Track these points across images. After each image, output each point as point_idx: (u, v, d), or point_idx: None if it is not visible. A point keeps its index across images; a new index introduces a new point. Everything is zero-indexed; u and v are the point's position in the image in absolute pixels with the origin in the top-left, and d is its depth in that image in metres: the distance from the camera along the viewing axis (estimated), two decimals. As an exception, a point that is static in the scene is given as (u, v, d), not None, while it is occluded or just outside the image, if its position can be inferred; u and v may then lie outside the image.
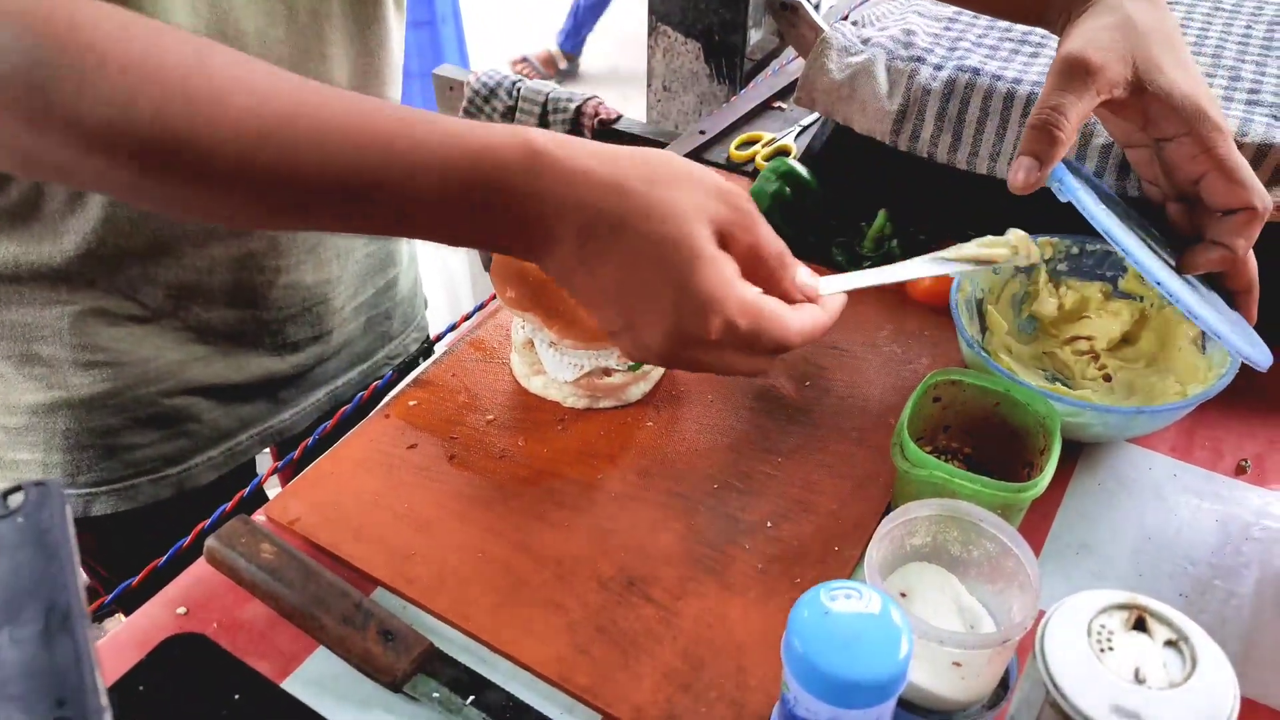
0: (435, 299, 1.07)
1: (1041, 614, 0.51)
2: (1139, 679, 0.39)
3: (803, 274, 0.53)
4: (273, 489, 0.79)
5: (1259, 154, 0.67)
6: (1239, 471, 0.65)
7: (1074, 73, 0.56)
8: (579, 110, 1.23)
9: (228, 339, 0.79)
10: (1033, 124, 0.57)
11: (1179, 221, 0.62)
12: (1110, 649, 0.40)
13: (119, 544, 0.84)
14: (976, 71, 0.76)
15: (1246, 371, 0.62)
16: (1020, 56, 0.80)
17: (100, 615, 0.74)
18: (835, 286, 0.56)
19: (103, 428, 0.76)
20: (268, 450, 0.90)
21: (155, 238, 0.70)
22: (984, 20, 0.86)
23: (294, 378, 0.86)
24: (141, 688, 0.50)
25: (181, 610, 0.57)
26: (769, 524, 0.60)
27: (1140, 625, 0.41)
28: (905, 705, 0.51)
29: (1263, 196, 0.56)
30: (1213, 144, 0.56)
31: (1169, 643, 0.40)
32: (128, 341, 0.75)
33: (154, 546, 0.64)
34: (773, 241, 0.51)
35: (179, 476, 0.81)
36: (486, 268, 0.71)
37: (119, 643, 0.55)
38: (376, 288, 0.92)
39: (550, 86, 1.28)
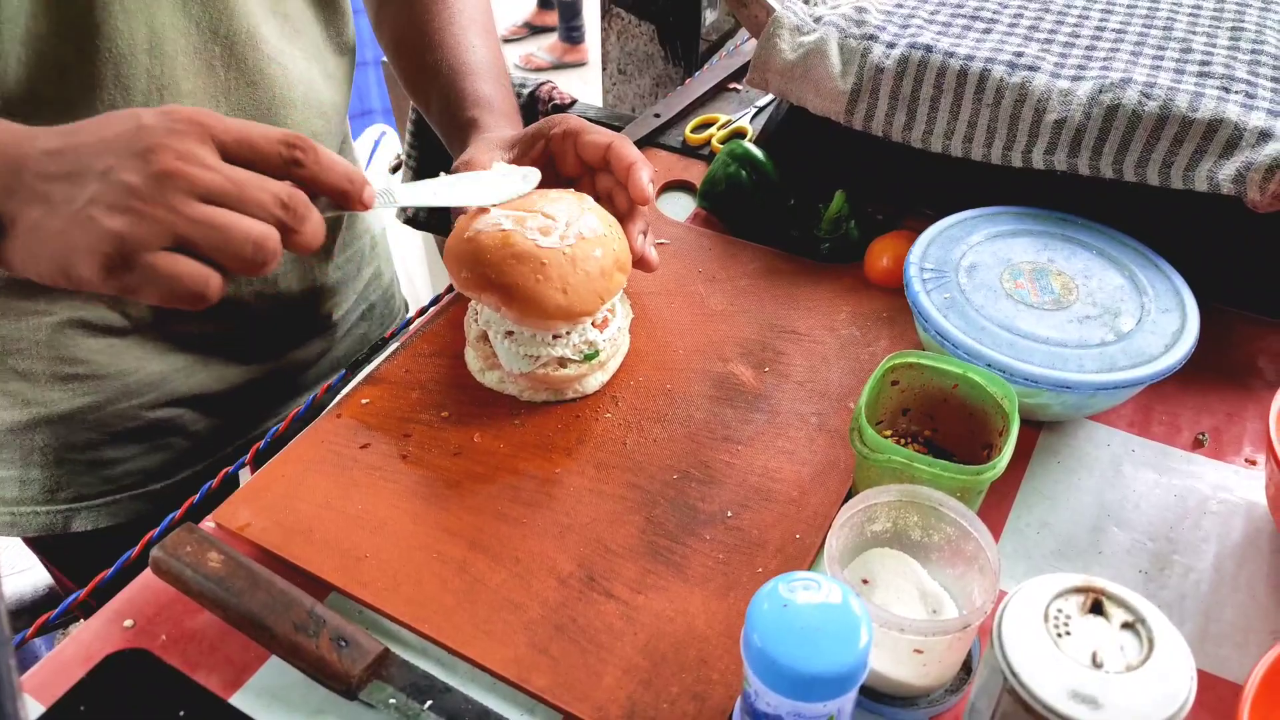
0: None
1: (1003, 595, 0.51)
2: (1096, 663, 0.38)
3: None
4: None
5: (1209, 130, 0.67)
6: (1196, 445, 0.65)
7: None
8: (533, 95, 1.21)
9: (210, 349, 0.78)
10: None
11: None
12: (1067, 633, 0.40)
13: (98, 559, 0.83)
14: (929, 49, 0.75)
15: (1204, 345, 0.62)
16: (972, 33, 0.79)
17: (57, 625, 0.72)
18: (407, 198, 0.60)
19: (83, 442, 0.74)
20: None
21: None
22: (936, -4, 0.85)
23: (277, 386, 0.84)
24: (82, 708, 0.49)
25: (129, 623, 0.55)
26: (729, 514, 0.60)
27: (1097, 608, 0.40)
28: (868, 693, 0.51)
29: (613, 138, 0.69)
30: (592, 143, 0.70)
31: (1126, 625, 0.40)
32: (108, 354, 0.73)
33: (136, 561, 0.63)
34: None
35: (162, 490, 0.79)
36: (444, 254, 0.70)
37: (63, 659, 0.53)
38: (357, 292, 0.90)
39: (503, 72, 1.26)
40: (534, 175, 0.68)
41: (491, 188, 0.66)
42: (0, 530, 0.77)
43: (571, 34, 3.80)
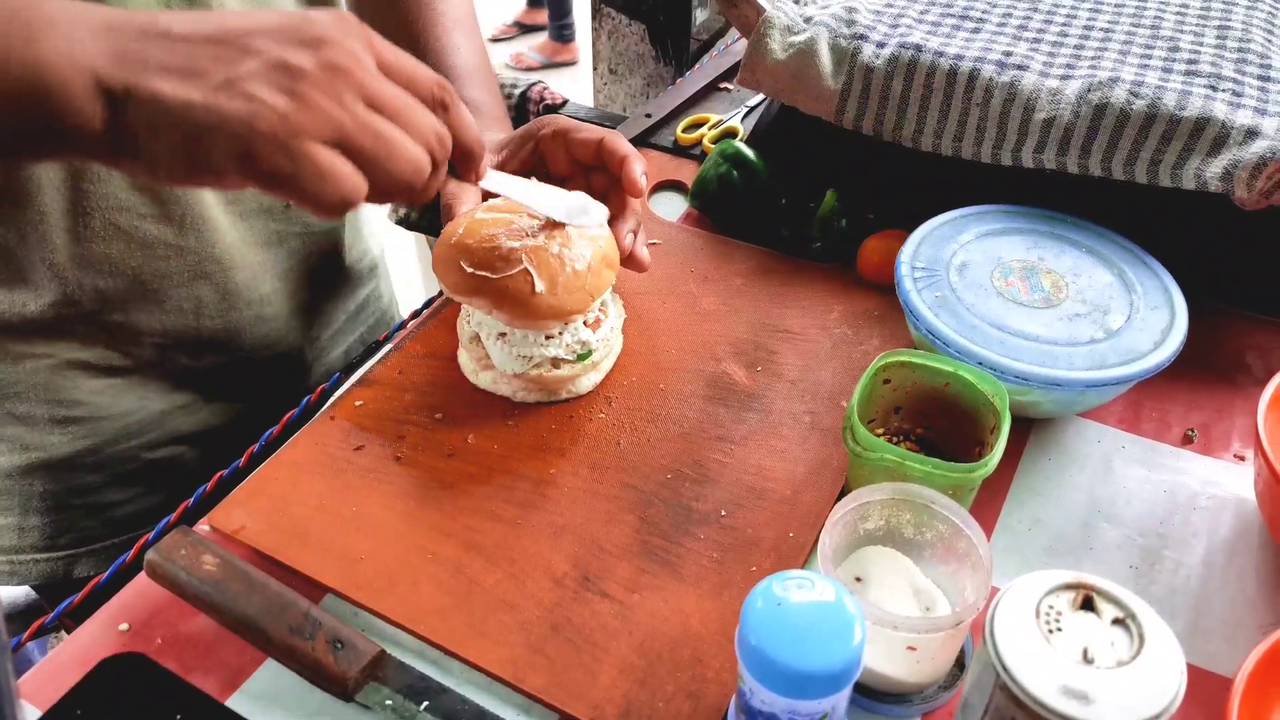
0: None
1: (995, 592, 0.51)
2: (1087, 659, 0.39)
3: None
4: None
5: (1197, 128, 0.67)
6: (1186, 441, 0.66)
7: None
8: (524, 96, 1.21)
9: (212, 384, 0.77)
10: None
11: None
12: (1059, 630, 0.40)
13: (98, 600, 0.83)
14: (919, 49, 0.76)
15: (1193, 342, 0.63)
16: (961, 33, 0.79)
17: (51, 629, 0.72)
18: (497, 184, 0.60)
19: (82, 486, 0.74)
20: None
21: (136, 277, 0.68)
22: (925, -4, 0.85)
23: (277, 419, 0.84)
24: (79, 712, 0.49)
25: (124, 627, 0.55)
26: (723, 513, 0.60)
27: (1088, 604, 0.41)
28: (862, 690, 0.51)
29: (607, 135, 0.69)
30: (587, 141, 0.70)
31: (1116, 621, 0.40)
32: (109, 394, 0.72)
33: None
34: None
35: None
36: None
37: (59, 663, 0.53)
38: (348, 313, 0.90)
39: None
40: (603, 212, 0.67)
41: (571, 205, 0.65)
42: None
43: (562, 32, 3.79)
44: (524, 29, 4.02)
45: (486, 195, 0.69)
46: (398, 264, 2.05)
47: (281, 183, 0.43)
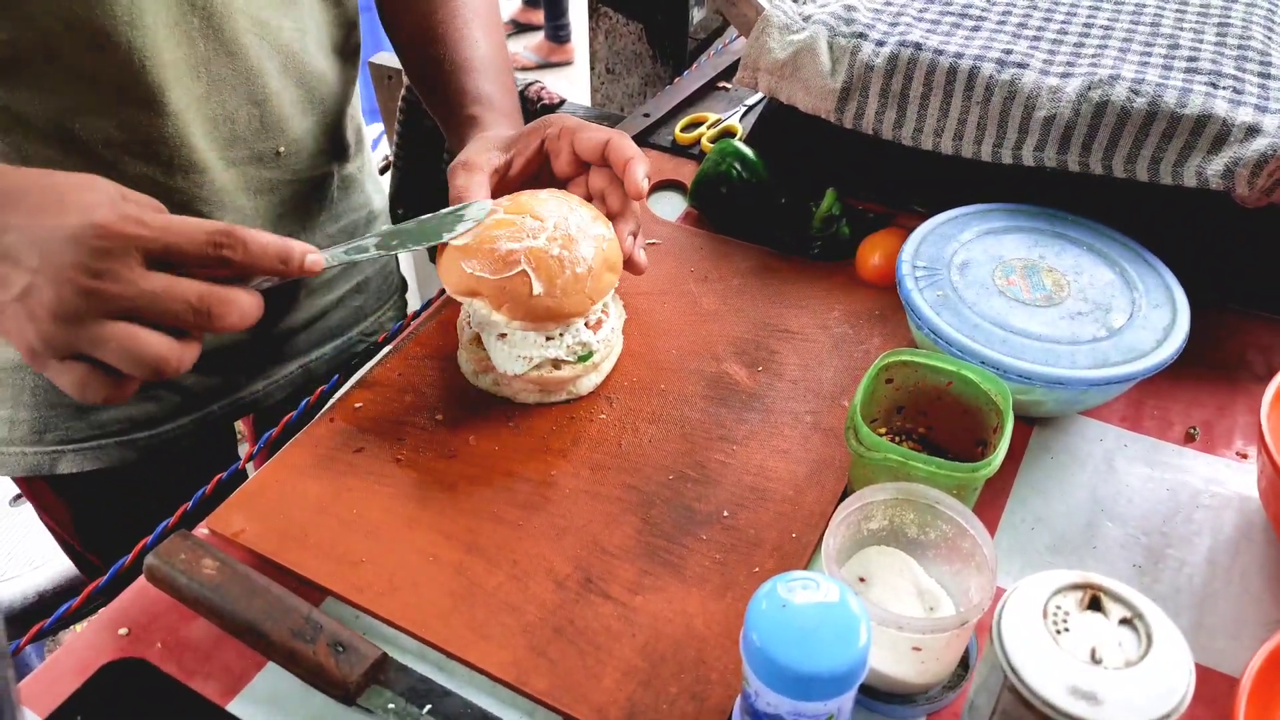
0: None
1: (999, 591, 0.51)
2: (1095, 659, 0.39)
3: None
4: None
5: (1197, 125, 0.67)
6: (1188, 439, 0.65)
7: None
8: (522, 96, 1.20)
9: None
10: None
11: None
12: (1066, 630, 0.40)
13: (94, 511, 0.86)
14: (918, 47, 0.75)
15: (1195, 340, 0.62)
16: (961, 31, 0.79)
17: (50, 633, 0.72)
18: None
19: None
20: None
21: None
22: (924, -6, 0.85)
23: (267, 348, 0.85)
24: (79, 717, 0.48)
25: (124, 631, 0.55)
26: (725, 513, 0.60)
27: (1095, 604, 0.41)
28: (867, 690, 0.51)
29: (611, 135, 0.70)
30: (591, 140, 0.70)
31: (1124, 621, 0.40)
32: None
33: (129, 513, 0.63)
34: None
35: (147, 440, 0.80)
36: (432, 259, 0.69)
37: (59, 669, 0.53)
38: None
39: (491, 72, 1.25)
40: (486, 206, 0.67)
41: (437, 225, 0.65)
42: None
43: (557, 33, 3.79)
44: (519, 28, 4.01)
45: (494, 196, 0.69)
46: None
47: (53, 378, 0.51)
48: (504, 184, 0.71)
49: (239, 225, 0.53)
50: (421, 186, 1.23)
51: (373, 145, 1.96)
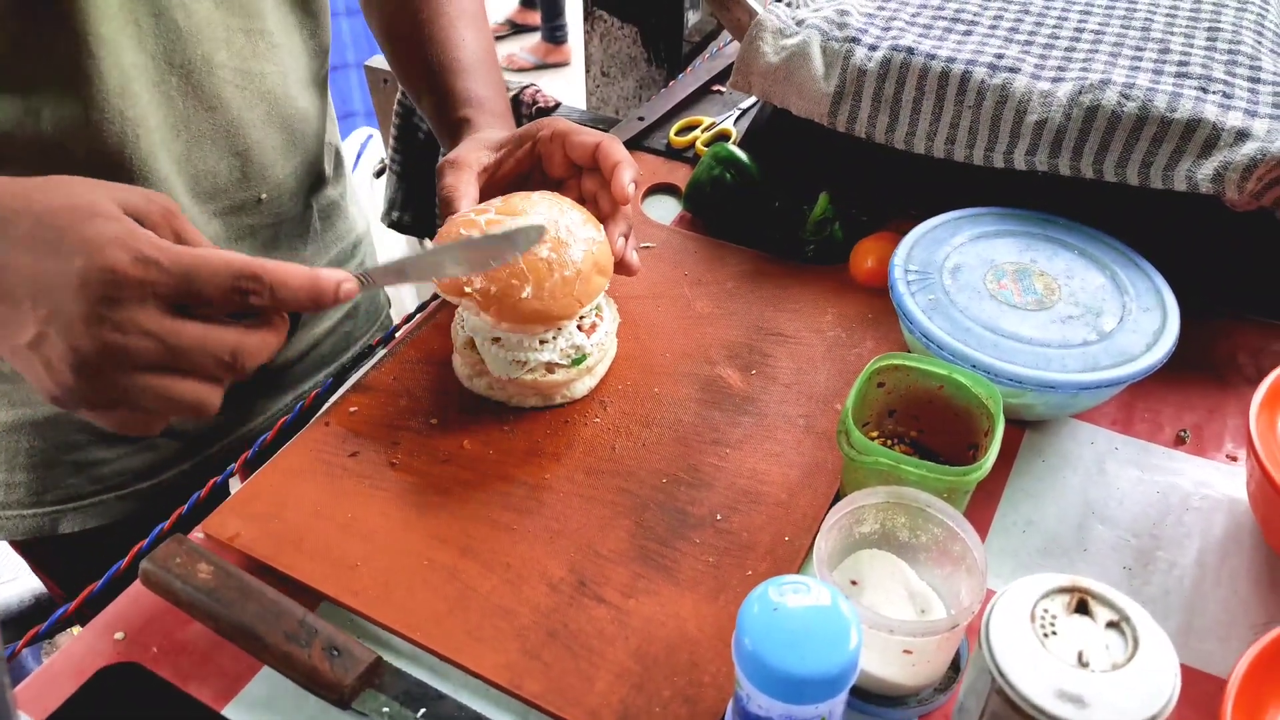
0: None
1: (990, 594, 0.51)
2: (1082, 662, 0.39)
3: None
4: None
5: (1188, 129, 0.67)
6: (1178, 442, 0.66)
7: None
8: (517, 99, 1.21)
9: None
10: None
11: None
12: (1053, 633, 0.40)
13: (86, 562, 0.83)
14: (911, 51, 0.76)
15: (1185, 344, 0.63)
16: (953, 35, 0.80)
17: (45, 637, 0.72)
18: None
19: (69, 443, 0.74)
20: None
21: None
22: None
23: (262, 385, 0.84)
24: (75, 722, 0.49)
25: (119, 635, 0.55)
26: (718, 517, 0.60)
27: (1083, 608, 0.41)
28: (858, 693, 0.51)
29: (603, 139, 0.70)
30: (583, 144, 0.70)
31: (1111, 624, 0.41)
32: None
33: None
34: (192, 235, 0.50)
35: (149, 490, 0.79)
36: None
37: (55, 673, 0.53)
38: None
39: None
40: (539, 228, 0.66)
41: (464, 253, 0.62)
42: None
43: (555, 34, 3.79)
44: (516, 28, 4.01)
45: (483, 196, 0.69)
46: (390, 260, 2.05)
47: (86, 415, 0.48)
48: (492, 184, 0.71)
49: (263, 262, 0.48)
50: (419, 189, 1.23)
51: (359, 152, 1.95)
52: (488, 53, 0.82)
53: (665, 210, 0.89)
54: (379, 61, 1.38)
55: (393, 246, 1.96)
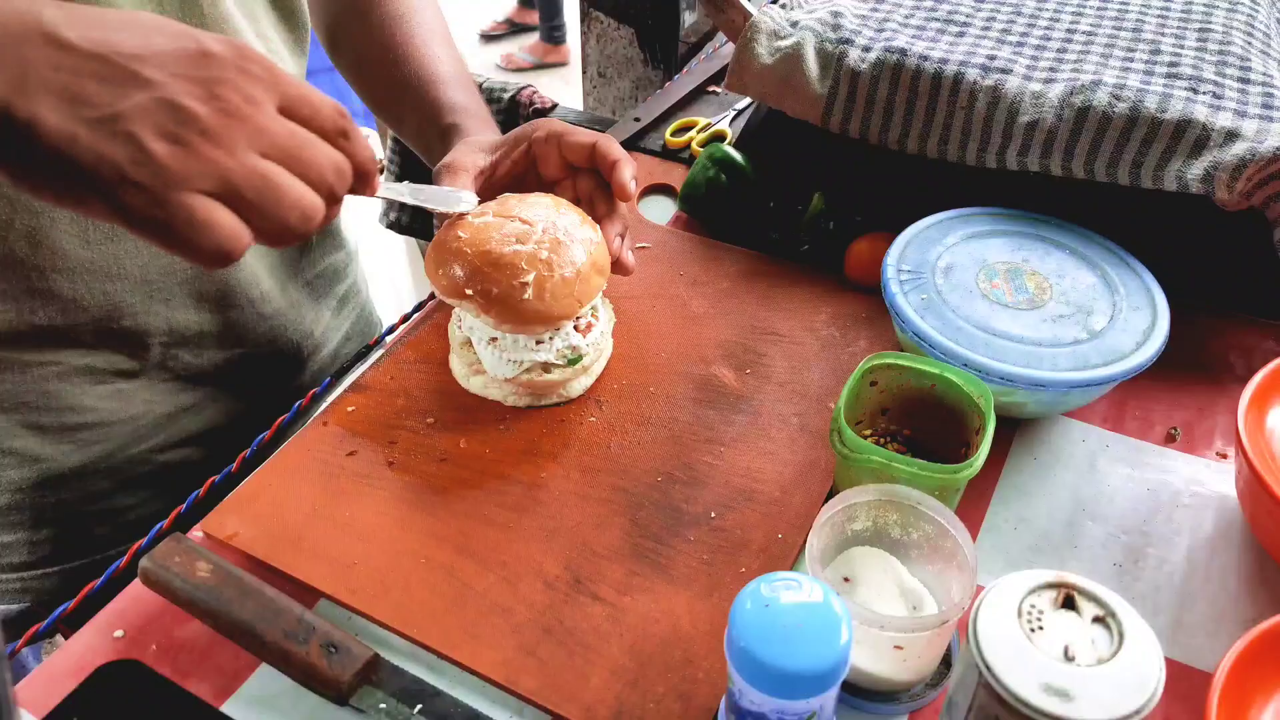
0: (380, 300, 1.06)
1: (980, 591, 0.52)
2: (1068, 657, 0.40)
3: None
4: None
5: (1178, 130, 0.68)
6: (1169, 440, 0.66)
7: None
8: (514, 99, 1.21)
9: (216, 383, 0.77)
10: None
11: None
12: (1040, 628, 0.41)
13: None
14: (904, 53, 0.76)
15: (1175, 342, 0.63)
16: (946, 37, 0.80)
17: (45, 636, 0.73)
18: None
19: (95, 493, 0.74)
20: None
21: (141, 277, 0.68)
22: (910, 0, 0.86)
23: (275, 417, 0.84)
24: (75, 718, 0.49)
25: (119, 633, 0.55)
26: (713, 515, 0.61)
27: (1069, 603, 0.42)
28: (850, 689, 0.52)
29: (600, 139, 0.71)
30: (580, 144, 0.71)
31: (1097, 619, 0.41)
32: (116, 399, 0.72)
33: None
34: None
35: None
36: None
37: (54, 671, 0.53)
38: (331, 308, 0.90)
39: (483, 77, 1.26)
40: (473, 200, 0.68)
41: (446, 195, 0.67)
42: (11, 599, 0.74)
43: (553, 34, 3.80)
44: (515, 27, 4.02)
45: (482, 199, 0.70)
46: (390, 267, 2.05)
47: (151, 229, 0.41)
48: (489, 186, 0.71)
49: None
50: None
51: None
52: (461, 67, 0.83)
53: (661, 211, 0.90)
54: (376, 63, 1.38)
55: (391, 247, 1.97)
